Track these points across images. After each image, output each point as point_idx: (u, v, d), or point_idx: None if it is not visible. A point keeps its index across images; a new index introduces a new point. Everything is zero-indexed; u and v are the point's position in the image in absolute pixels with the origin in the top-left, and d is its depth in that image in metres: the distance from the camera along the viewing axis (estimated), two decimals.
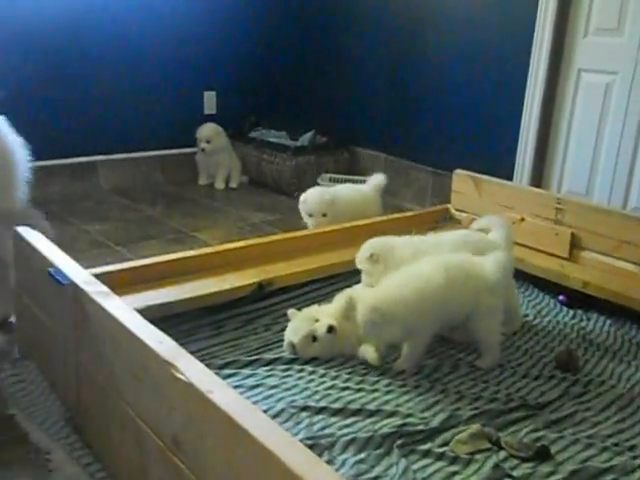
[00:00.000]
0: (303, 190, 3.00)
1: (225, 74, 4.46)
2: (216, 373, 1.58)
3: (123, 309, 1.50)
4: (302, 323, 2.08)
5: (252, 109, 4.60)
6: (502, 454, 1.67)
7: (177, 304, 2.10)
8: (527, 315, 2.45)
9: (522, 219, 2.77)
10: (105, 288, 1.61)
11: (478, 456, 1.66)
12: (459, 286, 2.01)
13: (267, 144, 4.31)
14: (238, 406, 1.16)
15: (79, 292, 1.61)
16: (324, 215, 2.92)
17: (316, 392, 1.88)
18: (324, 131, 4.38)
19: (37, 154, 3.76)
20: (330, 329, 2.04)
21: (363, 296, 2.05)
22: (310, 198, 2.94)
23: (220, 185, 4.28)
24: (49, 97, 3.78)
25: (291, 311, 2.15)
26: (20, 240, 1.96)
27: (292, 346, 2.07)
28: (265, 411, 1.69)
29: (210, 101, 4.46)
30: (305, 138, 4.35)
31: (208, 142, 4.17)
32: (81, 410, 1.74)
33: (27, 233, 1.95)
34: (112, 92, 4.02)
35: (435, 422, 1.77)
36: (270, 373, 1.97)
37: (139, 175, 4.23)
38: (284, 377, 1.96)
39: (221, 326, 2.23)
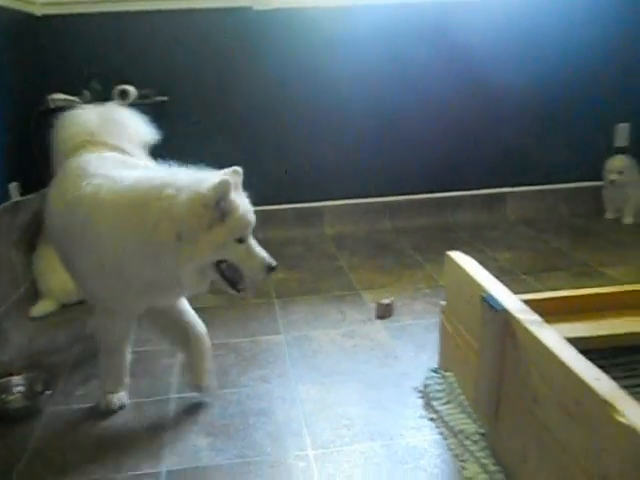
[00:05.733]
0: None
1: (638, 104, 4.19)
2: None
3: (557, 340, 1.51)
4: None
5: None
6: None
7: (595, 340, 2.03)
8: None
9: None
10: (537, 317, 1.64)
11: None
12: None
13: None
14: None
15: (510, 318, 1.67)
16: None
17: None
18: None
19: (450, 185, 4.10)
20: None
21: None
22: None
23: (629, 220, 4.03)
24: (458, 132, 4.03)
25: None
26: (453, 264, 2.11)
27: None
28: None
29: (622, 133, 4.23)
30: None
31: (619, 174, 3.97)
32: (497, 429, 1.80)
33: (460, 258, 2.10)
34: (518, 128, 4.10)
35: None
36: None
37: (544, 207, 4.22)
38: None
39: (634, 369, 2.07)
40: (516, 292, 1.92)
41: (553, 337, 1.52)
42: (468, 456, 1.83)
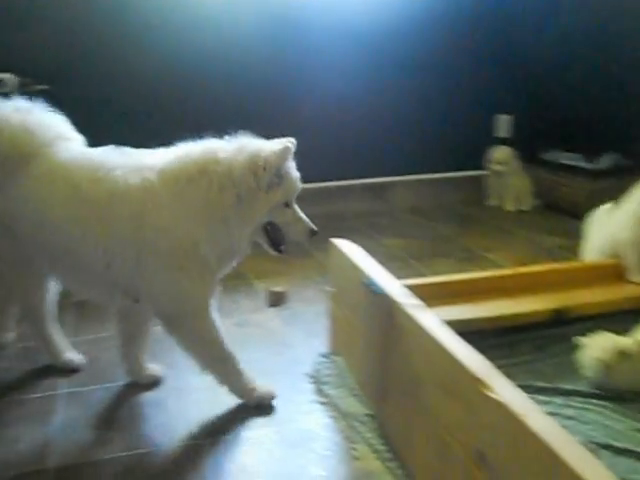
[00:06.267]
0: None
1: (518, 96, 4.41)
2: None
3: (435, 323, 1.58)
4: (606, 341, 2.00)
5: (546, 131, 4.49)
6: None
7: (473, 322, 2.14)
8: None
9: None
10: (417, 301, 1.71)
11: None
12: None
13: (562, 167, 4.18)
14: (555, 435, 1.14)
15: (392, 303, 1.73)
16: None
17: (618, 432, 1.77)
18: (628, 152, 4.10)
19: (340, 175, 4.17)
20: None
21: None
22: None
23: (510, 207, 4.26)
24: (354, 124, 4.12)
25: (582, 339, 2.06)
26: (337, 251, 2.17)
27: (599, 365, 1.98)
28: None
29: (502, 124, 4.46)
30: (605, 160, 4.12)
31: (503, 164, 4.19)
32: (385, 409, 1.88)
33: (343, 245, 2.16)
34: (405, 118, 4.22)
35: None
36: (566, 403, 1.91)
37: (432, 195, 4.38)
38: (582, 410, 1.88)
39: (514, 348, 2.21)
40: (404, 277, 2.00)
41: (431, 320, 1.60)
42: (358, 437, 1.89)
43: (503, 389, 1.29)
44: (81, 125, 2.10)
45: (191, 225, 1.84)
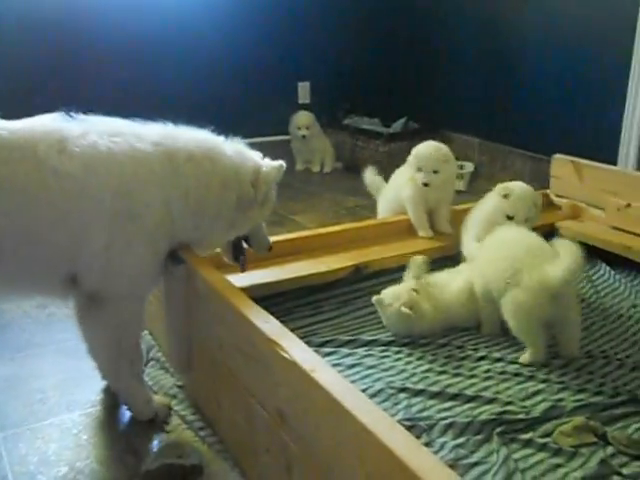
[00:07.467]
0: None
1: (318, 64, 4.56)
2: (315, 350, 1.67)
3: (231, 289, 1.60)
4: (396, 291, 2.15)
5: (345, 97, 4.67)
6: (609, 450, 1.59)
7: (278, 284, 2.20)
8: (636, 306, 2.35)
9: (628, 205, 2.69)
10: (213, 268, 1.72)
11: (583, 450, 1.59)
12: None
13: (360, 131, 4.40)
14: (339, 386, 1.20)
15: (190, 271, 1.73)
16: (435, 172, 2.57)
17: (414, 374, 1.90)
18: (417, 117, 4.39)
19: None
20: None
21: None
22: (422, 150, 2.61)
23: (316, 169, 4.42)
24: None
25: (377, 295, 2.17)
26: None
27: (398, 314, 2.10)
28: (364, 390, 1.75)
29: (304, 91, 4.58)
30: (398, 124, 4.38)
31: (307, 129, 4.30)
32: (193, 379, 1.88)
33: None
34: (214, 86, 4.19)
35: (536, 412, 1.72)
36: (368, 353, 2.02)
37: None
38: (382, 358, 2.00)
39: (319, 306, 2.29)
40: None
41: (227, 286, 1.61)
42: (169, 411, 1.86)
43: (294, 348, 1.33)
44: None
45: (177, 205, 1.67)
